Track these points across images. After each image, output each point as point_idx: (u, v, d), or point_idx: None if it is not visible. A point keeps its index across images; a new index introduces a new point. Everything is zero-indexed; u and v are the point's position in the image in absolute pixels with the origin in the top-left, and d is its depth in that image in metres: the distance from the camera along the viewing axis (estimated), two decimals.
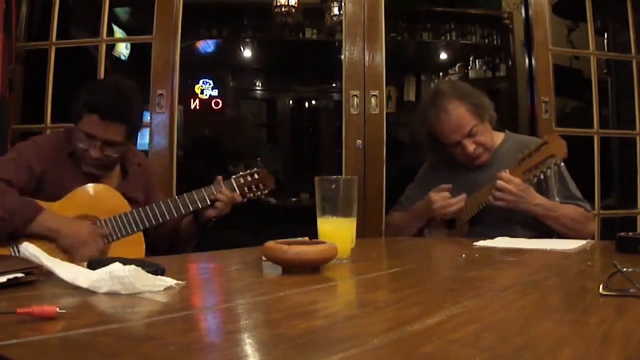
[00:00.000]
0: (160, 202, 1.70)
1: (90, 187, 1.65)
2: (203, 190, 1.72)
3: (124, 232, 1.64)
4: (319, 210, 1.13)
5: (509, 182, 1.65)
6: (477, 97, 1.82)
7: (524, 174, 1.66)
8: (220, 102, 5.26)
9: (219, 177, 1.77)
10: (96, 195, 1.65)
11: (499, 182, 1.65)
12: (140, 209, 1.67)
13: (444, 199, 1.78)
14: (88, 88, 1.67)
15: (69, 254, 1.54)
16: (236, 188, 1.76)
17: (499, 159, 1.82)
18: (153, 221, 1.67)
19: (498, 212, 1.73)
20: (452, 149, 1.83)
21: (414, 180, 2.06)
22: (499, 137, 1.90)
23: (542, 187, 1.75)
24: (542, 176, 1.67)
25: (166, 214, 1.69)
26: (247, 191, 1.78)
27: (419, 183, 2.02)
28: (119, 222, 1.64)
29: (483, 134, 1.80)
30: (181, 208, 1.70)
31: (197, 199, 1.71)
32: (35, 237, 1.51)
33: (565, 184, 1.79)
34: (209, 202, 1.72)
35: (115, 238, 1.63)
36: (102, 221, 1.63)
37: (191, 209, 1.71)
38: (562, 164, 1.67)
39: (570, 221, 1.71)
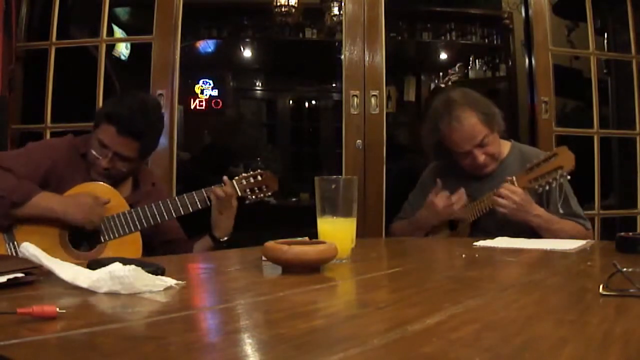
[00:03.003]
0: (160, 202, 1.67)
1: (90, 185, 1.65)
2: (203, 191, 1.70)
3: (121, 231, 1.63)
4: (319, 210, 1.12)
5: (512, 192, 1.67)
6: (488, 107, 1.81)
7: (529, 182, 1.68)
8: (220, 102, 5.26)
9: (225, 178, 1.73)
10: (96, 193, 1.64)
11: (502, 190, 1.68)
12: (139, 208, 1.65)
13: (445, 199, 1.79)
14: (114, 98, 1.66)
15: (78, 225, 1.55)
16: (237, 190, 1.73)
17: (505, 170, 1.82)
18: (151, 221, 1.65)
19: (498, 219, 1.73)
20: (461, 158, 1.82)
21: (416, 187, 2.04)
22: (505, 146, 1.89)
23: (542, 199, 1.76)
24: (547, 187, 1.68)
25: (165, 214, 1.66)
26: (249, 193, 1.75)
27: (421, 189, 1.99)
28: (117, 221, 1.63)
29: (493, 144, 1.80)
30: (180, 209, 1.67)
31: (197, 200, 1.69)
32: (33, 220, 1.53)
33: (567, 200, 1.79)
34: (208, 204, 1.70)
35: (112, 237, 1.62)
36: None
37: (191, 210, 1.69)
38: (569, 177, 1.68)
39: (567, 237, 1.70)
